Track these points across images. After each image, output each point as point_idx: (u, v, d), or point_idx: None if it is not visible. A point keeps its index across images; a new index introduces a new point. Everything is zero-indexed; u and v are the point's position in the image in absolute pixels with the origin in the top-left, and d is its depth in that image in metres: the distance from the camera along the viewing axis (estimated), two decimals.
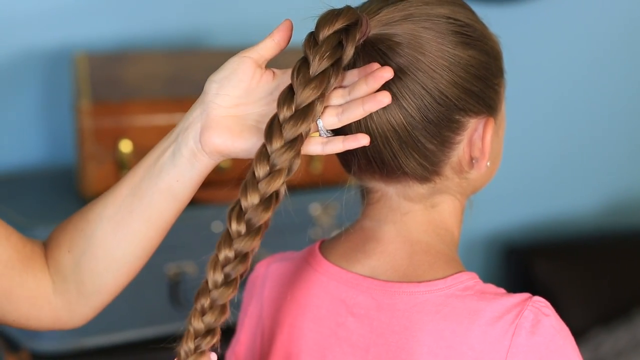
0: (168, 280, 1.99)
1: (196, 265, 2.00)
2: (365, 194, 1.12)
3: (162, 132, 1.97)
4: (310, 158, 2.04)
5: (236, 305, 1.22)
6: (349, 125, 1.04)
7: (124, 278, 1.12)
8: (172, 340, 1.05)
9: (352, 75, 1.03)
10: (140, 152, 1.97)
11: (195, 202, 1.97)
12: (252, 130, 1.03)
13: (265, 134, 0.99)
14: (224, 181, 2.03)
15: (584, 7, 2.65)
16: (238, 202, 0.99)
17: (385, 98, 0.99)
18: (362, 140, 1.01)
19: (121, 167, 1.97)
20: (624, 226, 2.84)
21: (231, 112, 1.03)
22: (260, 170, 0.98)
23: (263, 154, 0.99)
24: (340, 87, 1.02)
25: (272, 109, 1.01)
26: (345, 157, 1.08)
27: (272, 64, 1.07)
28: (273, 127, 0.99)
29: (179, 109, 2.00)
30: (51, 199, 2.05)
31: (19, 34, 2.18)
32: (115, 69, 2.12)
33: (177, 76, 2.15)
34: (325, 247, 1.15)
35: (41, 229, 1.88)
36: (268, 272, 1.19)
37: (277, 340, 1.14)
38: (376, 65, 1.01)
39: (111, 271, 1.10)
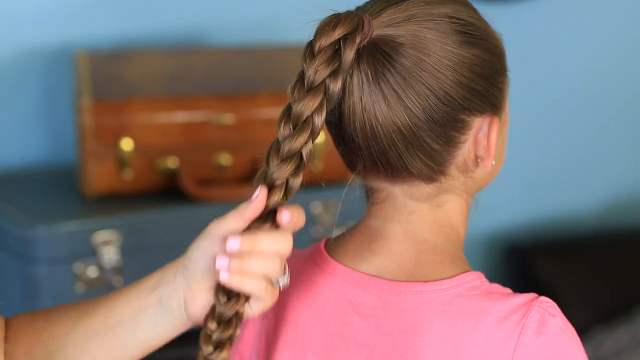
0: None
1: None
2: (370, 193, 1.11)
3: (163, 130, 1.99)
4: (311, 156, 2.03)
5: None
6: (353, 124, 1.03)
7: None
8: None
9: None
10: (141, 150, 1.97)
11: (195, 201, 1.97)
12: None
13: (265, 159, 1.00)
14: (224, 180, 2.03)
15: (587, 5, 2.65)
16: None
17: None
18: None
19: (122, 165, 1.96)
20: (625, 225, 2.84)
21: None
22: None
23: (261, 176, 1.00)
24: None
25: None
26: (350, 158, 1.08)
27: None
28: (271, 149, 1.00)
29: (180, 107, 2.00)
30: (52, 197, 2.05)
31: (20, 33, 2.17)
32: (116, 67, 2.11)
33: (178, 74, 2.14)
34: (331, 245, 1.14)
35: (42, 227, 1.88)
36: None
37: (282, 338, 1.14)
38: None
39: None
